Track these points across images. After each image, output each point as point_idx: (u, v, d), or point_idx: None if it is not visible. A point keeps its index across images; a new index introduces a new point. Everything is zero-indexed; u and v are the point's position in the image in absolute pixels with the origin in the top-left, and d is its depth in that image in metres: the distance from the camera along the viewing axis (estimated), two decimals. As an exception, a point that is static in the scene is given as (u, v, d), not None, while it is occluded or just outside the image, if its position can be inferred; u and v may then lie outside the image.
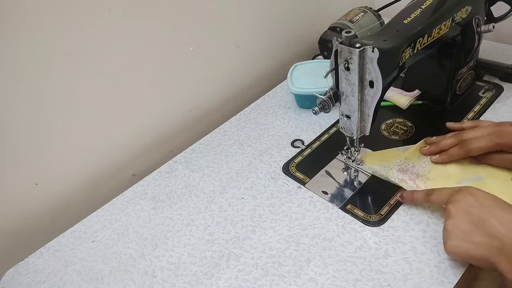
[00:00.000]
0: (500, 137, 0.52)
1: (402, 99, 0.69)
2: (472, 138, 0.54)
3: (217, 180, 0.64)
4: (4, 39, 0.51)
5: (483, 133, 0.54)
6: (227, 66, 0.82)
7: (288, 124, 0.73)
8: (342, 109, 0.54)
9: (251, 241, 0.54)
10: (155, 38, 0.67)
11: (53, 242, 0.59)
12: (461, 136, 0.56)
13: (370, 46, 0.46)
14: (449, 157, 0.56)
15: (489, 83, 0.72)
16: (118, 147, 0.71)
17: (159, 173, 0.68)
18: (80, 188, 0.68)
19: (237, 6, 0.76)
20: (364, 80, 0.49)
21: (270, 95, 0.82)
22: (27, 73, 0.55)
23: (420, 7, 0.55)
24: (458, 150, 0.55)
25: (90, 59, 0.60)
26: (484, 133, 0.54)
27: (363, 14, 0.81)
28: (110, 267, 0.54)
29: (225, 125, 0.76)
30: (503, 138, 0.52)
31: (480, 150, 0.53)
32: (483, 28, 0.61)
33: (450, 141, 0.57)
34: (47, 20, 0.54)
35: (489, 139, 0.53)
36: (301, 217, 0.56)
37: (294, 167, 0.64)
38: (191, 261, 0.53)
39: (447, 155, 0.56)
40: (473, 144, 0.54)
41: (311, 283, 0.48)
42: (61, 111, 0.61)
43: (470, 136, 0.55)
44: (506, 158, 0.53)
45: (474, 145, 0.53)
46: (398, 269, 0.48)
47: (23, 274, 0.55)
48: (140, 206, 0.62)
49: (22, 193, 0.62)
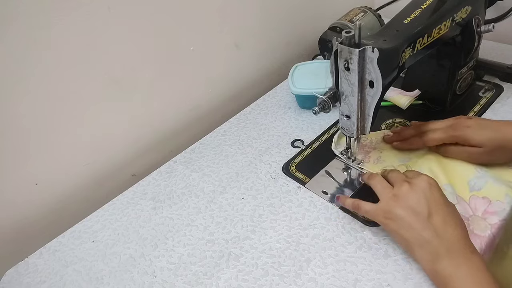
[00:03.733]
0: (455, 129, 0.55)
1: (402, 99, 0.69)
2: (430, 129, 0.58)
3: (217, 180, 0.64)
4: (4, 39, 0.51)
5: (442, 126, 0.57)
6: (227, 66, 0.82)
7: (288, 124, 0.73)
8: (342, 109, 0.54)
9: (251, 241, 0.54)
10: (155, 38, 0.67)
11: (53, 242, 0.59)
12: (421, 127, 0.59)
13: (370, 46, 0.46)
14: (409, 144, 0.60)
15: (489, 83, 0.72)
16: (118, 147, 0.71)
17: (159, 173, 0.68)
18: (80, 188, 0.68)
19: (237, 6, 0.76)
20: (364, 80, 0.49)
21: (270, 95, 0.82)
22: (27, 73, 0.55)
23: (420, 7, 0.55)
24: (417, 139, 0.58)
25: (90, 59, 0.60)
26: (443, 125, 0.57)
27: (363, 14, 0.81)
28: (110, 267, 0.54)
29: (225, 125, 0.76)
30: (457, 130, 0.54)
31: (435, 140, 0.57)
32: (483, 28, 0.61)
33: (411, 131, 0.60)
34: (47, 20, 0.54)
35: (445, 131, 0.56)
36: (301, 217, 0.56)
37: (294, 167, 0.64)
38: (191, 261, 0.53)
39: (407, 143, 0.60)
40: (429, 135, 0.57)
41: (311, 283, 0.48)
42: (61, 111, 0.61)
43: (429, 128, 0.58)
44: (460, 150, 0.55)
45: (430, 136, 0.57)
46: (398, 269, 0.48)
47: (23, 274, 0.55)
48: (140, 206, 0.62)
49: (22, 193, 0.62)
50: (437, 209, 0.45)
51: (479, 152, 0.54)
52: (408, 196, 0.46)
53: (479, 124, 0.54)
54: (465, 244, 0.43)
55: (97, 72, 0.62)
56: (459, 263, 0.42)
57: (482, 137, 0.53)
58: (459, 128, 0.54)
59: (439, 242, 0.43)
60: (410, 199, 0.46)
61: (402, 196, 0.46)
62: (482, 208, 0.52)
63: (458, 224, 0.44)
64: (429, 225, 0.44)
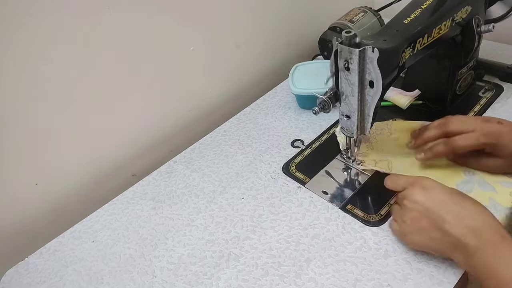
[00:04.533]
0: (486, 136, 0.50)
1: (402, 99, 0.69)
2: (457, 133, 0.52)
3: (217, 180, 0.64)
4: (4, 39, 0.51)
5: (469, 127, 0.51)
6: (227, 66, 0.82)
7: (288, 124, 0.73)
8: (342, 109, 0.54)
9: (251, 241, 0.54)
10: (155, 38, 0.67)
11: (53, 242, 0.59)
12: (446, 127, 0.54)
13: (370, 46, 0.46)
14: (434, 154, 0.54)
15: (489, 83, 0.72)
16: (118, 147, 0.71)
17: (159, 173, 0.68)
18: (80, 188, 0.68)
19: (237, 6, 0.76)
20: (364, 80, 0.49)
21: (270, 95, 0.82)
22: (27, 73, 0.55)
23: (420, 7, 0.55)
24: (443, 146, 0.53)
25: (90, 59, 0.60)
26: (470, 127, 0.51)
27: (363, 14, 0.81)
28: (110, 267, 0.54)
29: (225, 125, 0.76)
30: (490, 138, 0.50)
31: (465, 148, 0.52)
32: (483, 28, 0.61)
33: (434, 132, 0.55)
34: (47, 20, 0.54)
35: (476, 138, 0.51)
36: (301, 217, 0.56)
37: (294, 167, 0.64)
38: (191, 261, 0.53)
39: (432, 152, 0.54)
40: (459, 142, 0.51)
41: (311, 283, 0.48)
42: (61, 111, 0.61)
43: (455, 128, 0.53)
44: (481, 163, 0.53)
45: (460, 143, 0.51)
46: (398, 269, 0.48)
47: (23, 274, 0.55)
48: (140, 206, 0.62)
49: (22, 193, 0.62)
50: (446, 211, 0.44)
51: (501, 165, 0.52)
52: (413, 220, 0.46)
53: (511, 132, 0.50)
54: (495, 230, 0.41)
55: (97, 72, 0.62)
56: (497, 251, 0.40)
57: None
58: (490, 136, 0.50)
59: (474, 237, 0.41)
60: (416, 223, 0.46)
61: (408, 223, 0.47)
62: None
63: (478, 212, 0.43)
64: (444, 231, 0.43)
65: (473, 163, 0.54)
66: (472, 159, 0.54)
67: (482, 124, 0.51)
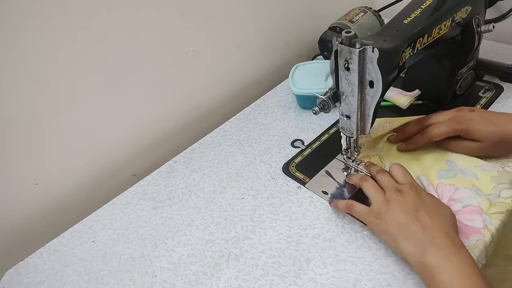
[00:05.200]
0: (458, 123, 0.55)
1: (402, 99, 0.69)
2: (433, 123, 0.58)
3: (217, 180, 0.64)
4: (4, 39, 0.51)
5: (444, 118, 0.57)
6: (227, 66, 0.82)
7: (288, 124, 0.73)
8: (342, 109, 0.54)
9: (251, 241, 0.54)
10: (155, 38, 0.67)
11: (53, 242, 0.59)
12: (424, 122, 0.59)
13: (370, 46, 0.46)
14: (414, 144, 0.59)
15: (489, 83, 0.72)
16: (118, 147, 0.71)
17: (159, 173, 0.68)
18: (80, 188, 0.68)
19: (237, 6, 0.76)
20: (364, 80, 0.49)
21: (270, 95, 0.82)
22: (27, 73, 0.55)
23: (420, 7, 0.55)
24: (420, 137, 0.58)
25: (90, 59, 0.60)
26: (445, 118, 0.57)
27: (363, 14, 0.81)
28: (110, 267, 0.54)
29: (225, 125, 0.76)
30: (461, 124, 0.55)
31: (440, 135, 0.56)
32: (483, 28, 0.61)
33: (414, 127, 0.60)
34: (47, 20, 0.54)
35: (448, 125, 0.56)
36: (301, 217, 0.56)
37: (294, 167, 0.64)
38: (191, 261, 0.53)
39: (412, 142, 0.60)
40: (433, 130, 0.57)
41: (311, 283, 0.48)
42: (61, 111, 0.61)
43: (432, 122, 0.58)
44: (461, 145, 0.57)
45: (434, 131, 0.57)
46: (398, 269, 0.48)
47: (23, 274, 0.55)
48: (140, 206, 0.62)
49: (22, 193, 0.62)
50: (426, 209, 0.46)
51: (480, 147, 0.55)
52: (399, 202, 0.47)
53: (482, 117, 0.54)
54: (453, 239, 0.43)
55: (97, 72, 0.62)
56: (448, 254, 0.41)
57: (484, 132, 0.53)
58: (462, 122, 0.55)
59: (424, 234, 0.43)
60: (401, 205, 0.47)
61: (393, 202, 0.48)
62: (447, 195, 0.53)
63: (446, 222, 0.45)
64: (415, 220, 0.45)
65: (454, 146, 0.58)
66: (452, 142, 0.57)
67: (454, 113, 0.57)
